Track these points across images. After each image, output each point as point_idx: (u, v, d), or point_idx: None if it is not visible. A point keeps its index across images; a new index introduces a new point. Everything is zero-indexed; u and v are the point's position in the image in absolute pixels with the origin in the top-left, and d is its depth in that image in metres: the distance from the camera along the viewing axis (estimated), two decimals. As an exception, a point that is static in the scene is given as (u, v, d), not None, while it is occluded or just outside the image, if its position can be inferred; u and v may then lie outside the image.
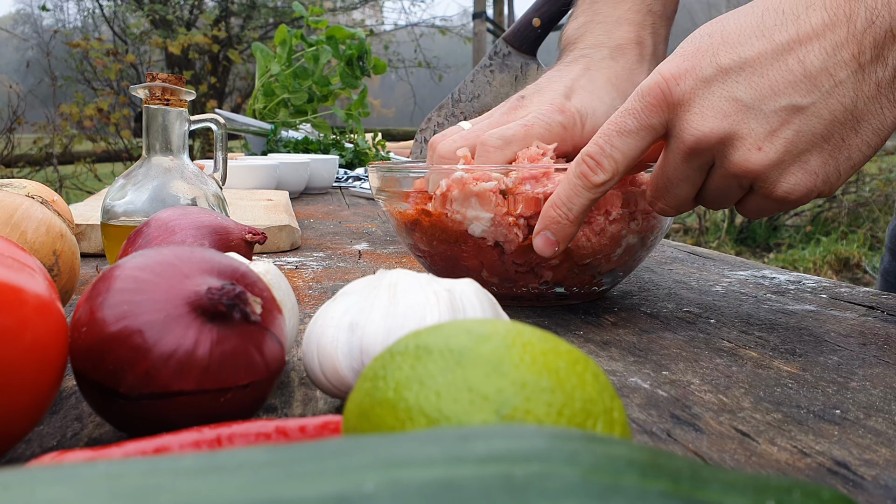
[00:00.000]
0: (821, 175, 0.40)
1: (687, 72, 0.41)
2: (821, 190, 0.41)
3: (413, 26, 9.52)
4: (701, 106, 0.40)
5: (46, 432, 0.31)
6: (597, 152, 0.43)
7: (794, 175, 0.40)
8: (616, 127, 0.43)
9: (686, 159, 0.42)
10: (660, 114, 0.41)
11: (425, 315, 0.30)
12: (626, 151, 0.43)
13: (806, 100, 0.38)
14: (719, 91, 0.40)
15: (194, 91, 0.59)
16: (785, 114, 0.39)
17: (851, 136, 0.39)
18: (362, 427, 0.21)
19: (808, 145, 0.39)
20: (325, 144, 1.78)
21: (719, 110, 0.40)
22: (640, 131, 0.42)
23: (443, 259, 0.52)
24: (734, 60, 0.40)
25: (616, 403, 0.21)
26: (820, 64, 0.38)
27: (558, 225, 0.45)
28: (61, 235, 0.44)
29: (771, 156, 0.40)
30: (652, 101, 0.41)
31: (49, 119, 6.42)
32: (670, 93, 0.41)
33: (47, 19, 9.74)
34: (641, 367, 0.41)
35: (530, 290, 0.52)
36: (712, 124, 0.40)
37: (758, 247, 4.68)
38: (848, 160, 0.40)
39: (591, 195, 0.44)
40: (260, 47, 1.86)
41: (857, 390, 0.37)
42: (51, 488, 0.13)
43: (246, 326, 0.28)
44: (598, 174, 0.43)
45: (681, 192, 0.44)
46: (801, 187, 0.40)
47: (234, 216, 0.77)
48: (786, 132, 0.39)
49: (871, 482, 0.28)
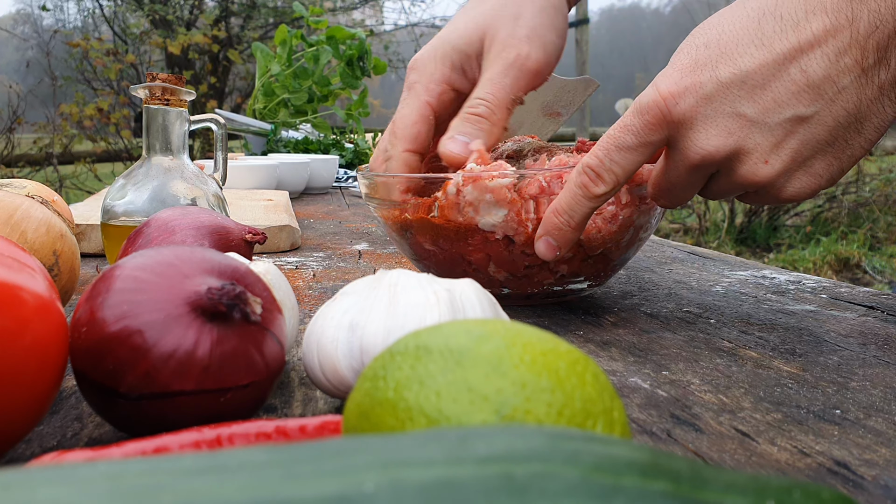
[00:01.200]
0: (825, 176, 0.41)
1: (687, 90, 0.40)
2: (825, 187, 0.41)
3: (413, 26, 9.52)
4: (705, 124, 0.40)
5: (46, 432, 0.31)
6: (597, 165, 0.43)
7: (799, 180, 0.41)
8: (615, 142, 0.43)
9: (690, 172, 0.43)
10: (659, 132, 0.42)
11: (425, 315, 0.30)
12: (626, 166, 0.43)
13: (810, 109, 0.38)
14: (722, 108, 0.40)
15: (194, 91, 0.59)
16: (790, 125, 0.39)
17: (854, 137, 0.39)
18: (362, 427, 0.21)
19: (812, 152, 0.40)
20: (325, 144, 1.78)
21: (724, 128, 0.40)
22: (640, 147, 0.42)
23: (446, 257, 0.52)
24: (734, 74, 0.39)
25: (616, 403, 0.21)
26: (823, 72, 0.38)
27: (560, 231, 0.45)
28: (61, 235, 0.44)
29: (777, 167, 0.40)
30: (651, 119, 0.41)
31: (49, 119, 6.42)
32: (670, 112, 0.41)
33: (47, 19, 9.74)
34: (641, 367, 0.41)
35: (546, 289, 0.52)
36: (718, 143, 0.40)
37: (758, 247, 4.68)
38: (850, 158, 0.40)
39: (591, 204, 0.44)
40: (260, 47, 1.86)
41: (857, 390, 0.37)
42: (51, 488, 0.13)
43: (246, 326, 0.28)
44: (598, 186, 0.43)
45: (684, 194, 0.45)
46: (806, 190, 0.41)
47: (234, 216, 0.77)
48: (791, 143, 0.39)
49: (872, 482, 0.28)
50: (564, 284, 0.53)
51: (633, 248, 0.53)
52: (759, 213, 4.85)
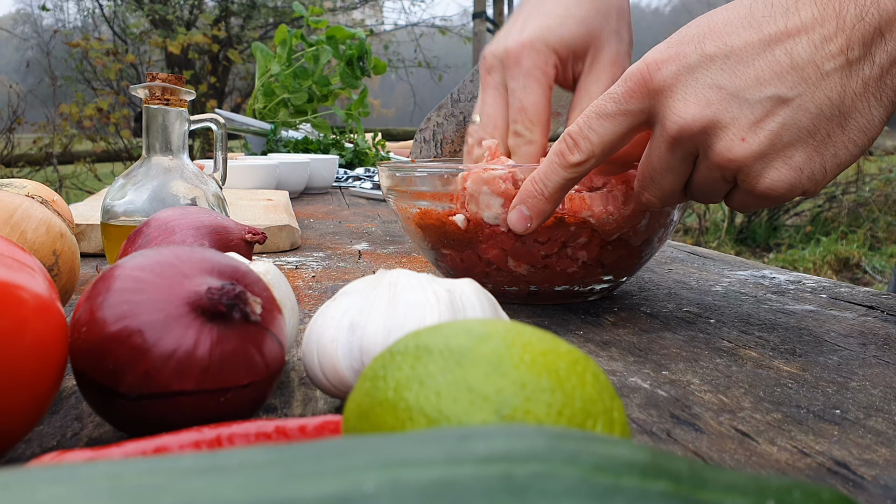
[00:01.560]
0: (805, 171, 0.39)
1: (670, 58, 0.40)
2: (805, 187, 0.40)
3: (413, 26, 9.52)
4: (684, 93, 0.40)
5: (46, 432, 0.31)
6: (576, 132, 0.43)
7: (777, 170, 0.39)
8: (596, 109, 0.43)
9: (670, 148, 0.42)
10: (639, 99, 0.41)
11: (425, 315, 0.30)
12: (603, 134, 0.43)
13: (792, 92, 0.38)
14: (703, 78, 0.40)
15: (194, 91, 0.59)
16: (770, 104, 0.38)
17: (838, 132, 0.38)
18: (362, 427, 0.21)
19: (792, 139, 0.39)
20: (324, 144, 1.78)
21: (702, 98, 0.39)
22: (618, 115, 0.42)
23: (463, 260, 0.53)
24: (720, 48, 0.39)
25: (616, 403, 0.21)
26: (807, 56, 0.38)
27: (534, 199, 0.45)
28: (61, 235, 0.44)
29: (754, 147, 0.39)
30: (632, 85, 0.41)
31: (49, 119, 6.42)
32: (651, 78, 0.41)
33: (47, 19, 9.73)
34: (641, 367, 0.41)
35: (576, 287, 0.52)
36: (694, 112, 0.40)
37: (758, 247, 4.68)
38: (834, 157, 0.39)
39: (566, 174, 0.44)
40: (260, 47, 1.86)
41: (856, 390, 0.37)
42: (51, 488, 0.13)
43: (246, 326, 0.28)
44: (574, 154, 0.43)
45: (666, 182, 0.44)
46: (783, 182, 0.39)
47: (234, 216, 0.77)
48: (770, 124, 0.39)
49: (871, 482, 0.28)
50: (588, 278, 0.52)
51: (656, 236, 0.53)
52: (759, 213, 4.85)
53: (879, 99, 0.38)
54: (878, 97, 0.38)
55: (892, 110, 0.38)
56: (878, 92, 0.38)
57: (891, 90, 0.38)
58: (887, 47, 0.37)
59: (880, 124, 0.39)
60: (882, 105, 0.38)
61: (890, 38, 0.37)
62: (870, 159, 5.37)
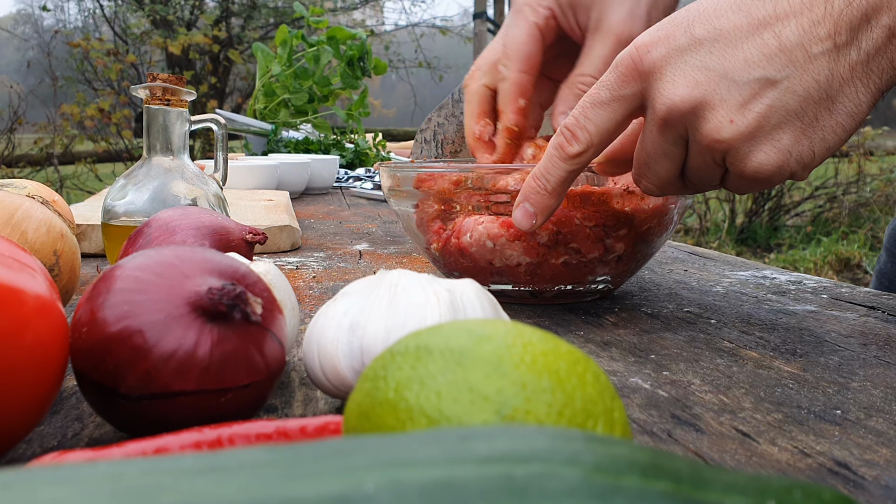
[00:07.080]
0: (794, 153, 0.39)
1: (659, 40, 0.41)
2: (794, 169, 0.40)
3: (413, 26, 9.53)
4: (672, 74, 0.40)
5: (47, 432, 0.31)
6: (573, 124, 0.43)
7: (764, 152, 0.39)
8: (591, 98, 0.43)
9: (661, 131, 0.42)
10: (632, 83, 0.42)
11: (426, 315, 0.30)
12: (600, 123, 0.43)
13: (780, 74, 0.38)
14: (692, 60, 0.40)
15: (195, 91, 0.59)
16: (758, 86, 0.39)
17: (825, 115, 0.39)
18: (363, 427, 0.21)
19: (780, 120, 0.39)
20: (325, 145, 1.78)
21: (691, 79, 0.40)
22: (613, 102, 0.42)
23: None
24: (709, 31, 0.40)
25: (616, 404, 0.21)
26: (796, 39, 0.38)
27: (537, 196, 0.45)
28: (62, 235, 0.44)
29: (742, 128, 0.39)
30: (624, 70, 0.42)
31: (50, 119, 6.42)
32: (641, 61, 0.41)
33: (48, 19, 9.75)
34: (642, 368, 0.41)
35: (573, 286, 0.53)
36: (683, 93, 0.40)
37: (758, 247, 4.68)
38: (822, 141, 0.39)
39: (567, 166, 0.44)
40: (261, 47, 1.86)
41: (857, 390, 0.37)
42: (51, 488, 0.13)
43: (246, 326, 0.28)
44: (572, 145, 0.43)
45: (661, 168, 0.44)
46: (771, 164, 0.40)
47: (235, 216, 0.77)
48: (758, 105, 0.39)
49: (872, 482, 0.28)
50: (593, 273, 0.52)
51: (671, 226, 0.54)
52: (759, 213, 4.85)
53: (866, 84, 0.38)
54: (865, 82, 0.38)
55: (878, 95, 0.39)
56: (865, 77, 0.38)
57: (877, 76, 0.38)
58: (872, 34, 0.37)
59: (867, 108, 0.39)
60: (869, 90, 0.38)
61: (876, 25, 0.37)
62: (870, 159, 5.37)
